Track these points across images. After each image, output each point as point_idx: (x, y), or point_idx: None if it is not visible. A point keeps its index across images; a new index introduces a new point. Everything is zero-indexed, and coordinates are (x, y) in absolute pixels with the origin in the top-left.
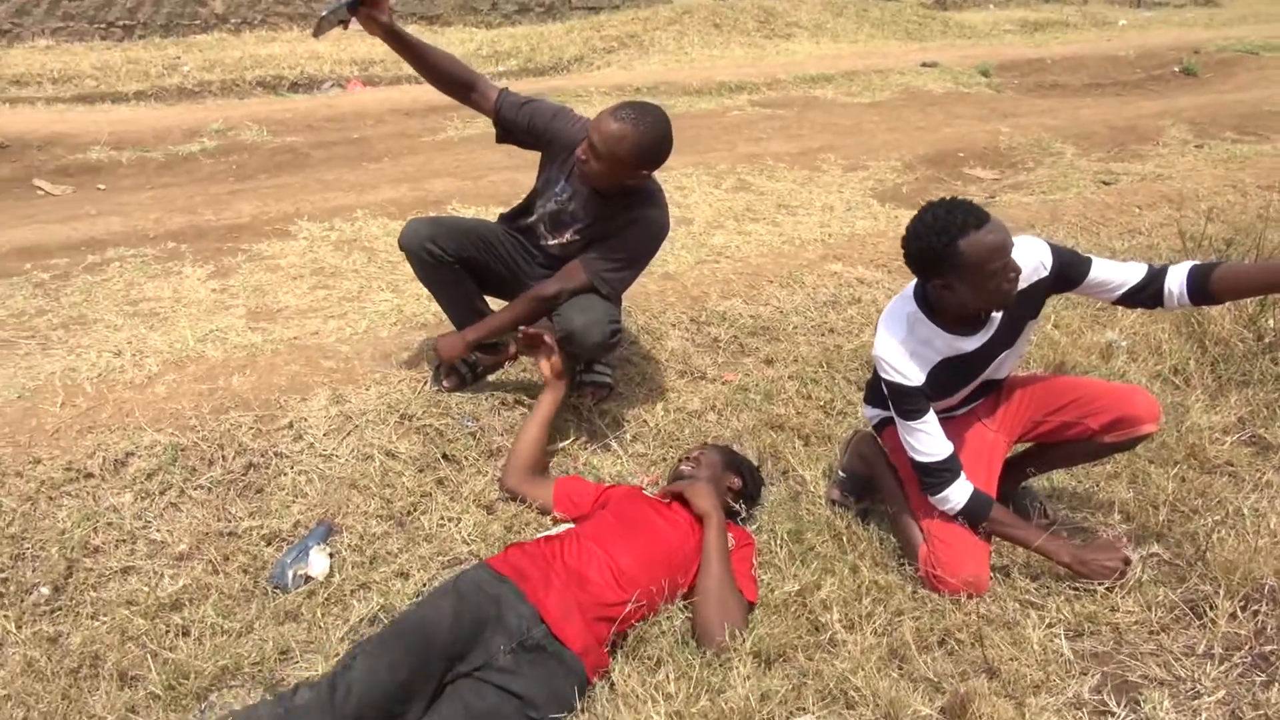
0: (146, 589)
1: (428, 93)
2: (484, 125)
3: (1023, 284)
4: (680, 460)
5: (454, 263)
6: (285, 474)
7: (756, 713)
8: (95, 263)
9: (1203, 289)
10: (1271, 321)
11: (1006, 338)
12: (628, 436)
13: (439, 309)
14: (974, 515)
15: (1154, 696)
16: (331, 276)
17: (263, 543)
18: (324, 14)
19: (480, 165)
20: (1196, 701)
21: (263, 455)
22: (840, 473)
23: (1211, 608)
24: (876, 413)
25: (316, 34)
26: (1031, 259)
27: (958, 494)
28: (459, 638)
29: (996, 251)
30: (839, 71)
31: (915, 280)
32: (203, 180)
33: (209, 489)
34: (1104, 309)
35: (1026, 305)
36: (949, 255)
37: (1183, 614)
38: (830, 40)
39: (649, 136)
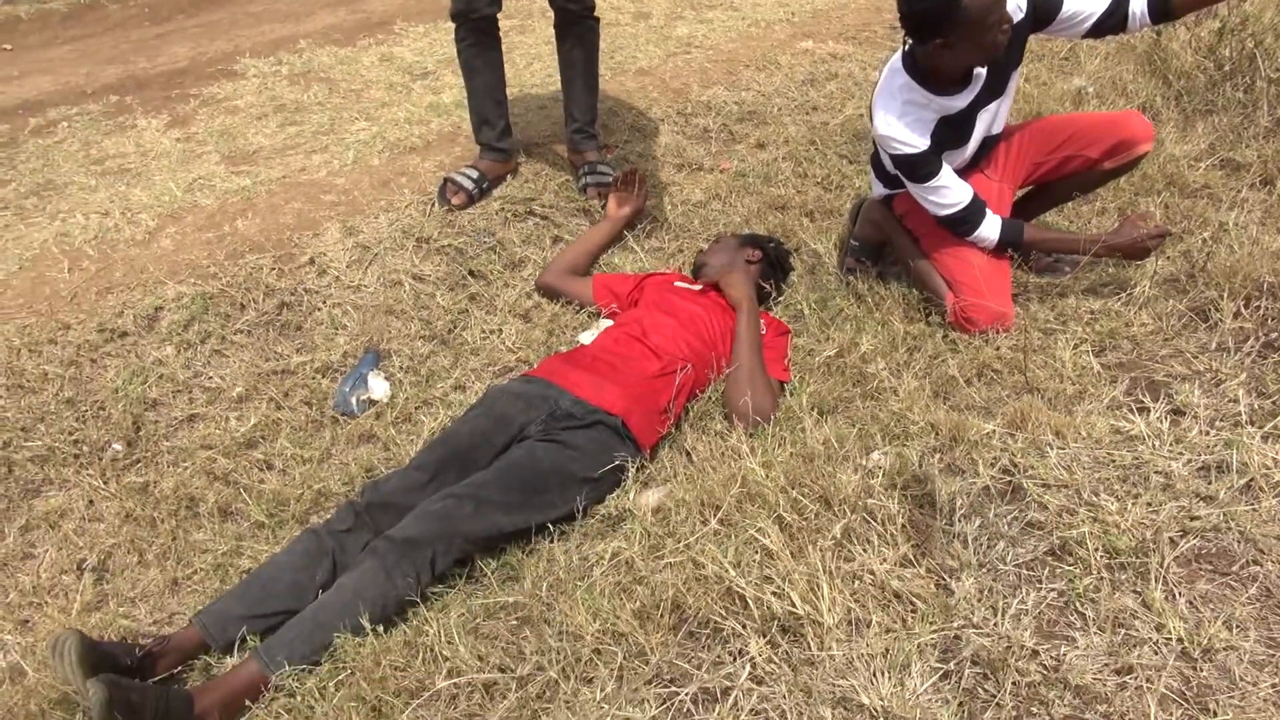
0: (219, 432)
1: None
2: None
3: None
4: (697, 255)
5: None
6: (319, 309)
7: (836, 452)
8: (40, 125)
9: (1162, 6)
10: (1228, 50)
11: (996, 88)
12: (642, 234)
13: (423, 131)
14: (1012, 241)
15: (1183, 389)
16: (297, 112)
17: (318, 375)
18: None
19: None
20: (1220, 387)
21: (292, 294)
22: (853, 241)
23: (1216, 309)
24: (884, 190)
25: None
26: (1010, 3)
27: (989, 229)
28: (483, 434)
29: (995, 4)
30: None
31: (899, 51)
32: (117, 28)
33: (248, 332)
34: (1067, 58)
35: (1011, 53)
36: (952, 13)
37: (1191, 320)
38: None
39: None
